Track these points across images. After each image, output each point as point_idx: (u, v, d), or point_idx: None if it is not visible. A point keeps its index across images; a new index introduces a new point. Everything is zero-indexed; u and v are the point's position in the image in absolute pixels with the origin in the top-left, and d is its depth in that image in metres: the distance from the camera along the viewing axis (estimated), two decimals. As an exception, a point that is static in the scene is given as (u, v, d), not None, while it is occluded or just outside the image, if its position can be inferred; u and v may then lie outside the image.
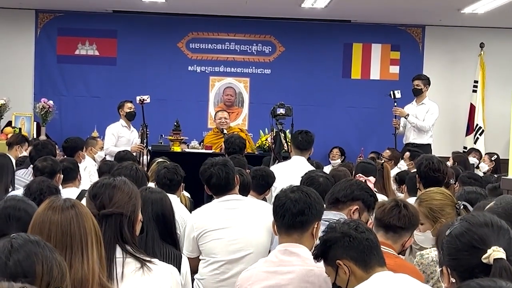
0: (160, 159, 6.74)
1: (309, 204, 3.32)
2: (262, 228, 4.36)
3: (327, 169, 8.37)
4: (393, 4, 10.75)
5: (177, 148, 9.41)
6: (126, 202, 2.93)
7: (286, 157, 7.22)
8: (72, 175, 5.76)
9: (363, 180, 5.52)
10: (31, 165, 5.84)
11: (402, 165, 8.64)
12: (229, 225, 4.38)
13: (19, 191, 4.86)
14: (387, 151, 9.61)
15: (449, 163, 8.31)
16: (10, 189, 5.47)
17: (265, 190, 5.59)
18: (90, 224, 2.51)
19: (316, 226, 3.33)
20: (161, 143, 9.67)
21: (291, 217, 3.31)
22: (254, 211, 4.50)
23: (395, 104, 9.85)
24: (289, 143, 7.09)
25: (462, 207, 3.86)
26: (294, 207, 3.31)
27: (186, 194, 6.17)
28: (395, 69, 12.51)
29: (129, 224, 2.92)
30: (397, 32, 12.50)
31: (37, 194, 4.11)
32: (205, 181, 4.57)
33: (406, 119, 9.73)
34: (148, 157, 8.92)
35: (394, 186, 6.96)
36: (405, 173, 6.86)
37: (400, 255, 3.65)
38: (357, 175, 5.68)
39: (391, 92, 9.85)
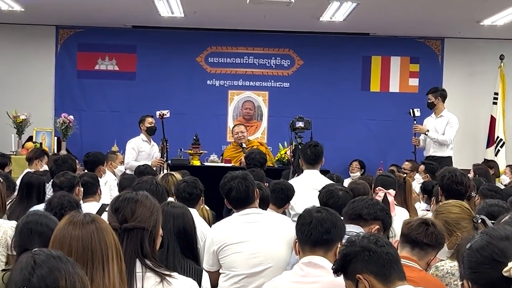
0: (165, 173, 6.72)
1: (335, 224, 3.34)
2: (282, 242, 4.34)
3: (347, 182, 8.34)
4: (412, 17, 10.73)
5: (196, 162, 9.43)
6: (148, 216, 2.94)
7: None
8: (92, 190, 5.77)
9: (383, 193, 5.52)
10: (52, 180, 5.87)
11: (418, 178, 8.59)
12: (249, 239, 4.37)
13: (40, 206, 4.89)
14: (407, 162, 9.56)
15: (470, 176, 8.25)
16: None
17: (285, 204, 5.57)
18: (110, 239, 2.52)
19: (339, 246, 3.32)
20: (181, 157, 9.69)
21: (318, 235, 3.30)
22: (274, 224, 4.49)
23: (415, 122, 9.79)
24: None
25: (480, 221, 3.83)
26: (321, 225, 3.32)
27: (207, 207, 6.15)
28: (414, 82, 12.47)
29: (150, 239, 2.92)
30: (416, 45, 12.46)
31: (58, 208, 4.13)
32: (225, 194, 4.56)
33: (427, 135, 9.66)
34: (168, 171, 8.93)
35: (418, 196, 6.92)
36: (430, 184, 6.80)
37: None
38: (377, 188, 5.64)
39: (411, 110, 9.79)
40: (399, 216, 5.41)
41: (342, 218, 3.66)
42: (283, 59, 12.52)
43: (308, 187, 5.81)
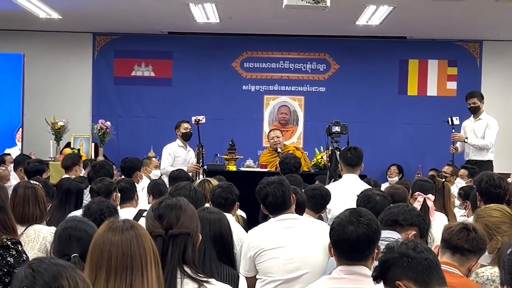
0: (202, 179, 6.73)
1: (371, 238, 3.24)
2: (319, 248, 4.31)
3: (384, 186, 8.26)
4: (449, 20, 10.61)
5: (232, 167, 9.43)
6: (190, 223, 2.94)
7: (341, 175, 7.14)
8: (129, 195, 5.79)
9: (422, 198, 5.46)
10: (89, 186, 5.91)
11: (459, 183, 8.47)
12: (286, 244, 4.34)
13: (78, 212, 4.92)
14: (447, 167, 9.44)
15: (510, 180, 8.11)
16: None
17: (322, 209, 5.55)
18: (149, 245, 2.53)
19: (376, 250, 3.26)
20: (217, 162, 9.70)
21: (353, 251, 3.24)
22: (311, 230, 4.45)
23: (453, 130, 9.64)
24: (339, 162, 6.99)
25: None
26: (357, 243, 3.21)
27: (240, 212, 6.14)
28: (452, 85, 12.33)
29: (192, 245, 2.93)
30: (453, 48, 12.33)
31: (97, 214, 4.15)
32: (261, 200, 4.55)
33: (466, 142, 9.51)
34: (204, 177, 8.94)
35: (456, 201, 6.82)
36: (469, 189, 6.70)
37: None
38: (416, 193, 5.58)
39: (449, 119, 9.64)
40: (438, 221, 5.37)
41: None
42: (319, 64, 12.49)
43: (347, 191, 5.77)
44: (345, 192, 5.83)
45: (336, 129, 7.65)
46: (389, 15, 10.14)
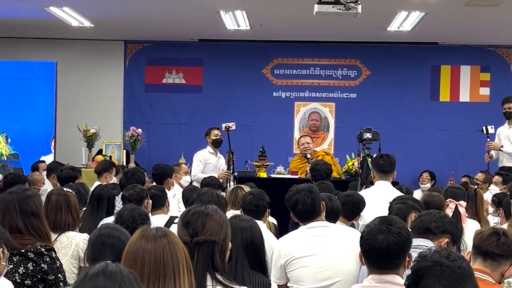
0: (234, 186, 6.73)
1: (402, 247, 3.20)
2: (350, 255, 4.27)
3: (416, 193, 8.20)
4: (482, 25, 10.51)
5: (263, 174, 9.43)
6: (218, 230, 2.94)
7: (373, 182, 7.10)
8: (160, 202, 5.81)
9: (454, 205, 5.40)
10: (121, 193, 5.94)
11: (493, 189, 8.36)
12: (317, 252, 4.31)
13: (109, 219, 4.95)
14: (481, 174, 9.32)
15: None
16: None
17: (355, 216, 5.51)
18: (181, 253, 2.54)
19: (408, 259, 3.23)
20: (247, 169, 9.71)
21: (383, 260, 3.20)
22: (342, 238, 4.42)
23: (488, 139, 9.52)
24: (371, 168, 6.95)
25: None
26: (387, 252, 3.17)
27: (271, 219, 6.13)
28: (485, 91, 12.21)
29: (220, 252, 2.93)
30: (486, 53, 12.21)
31: (129, 222, 4.17)
32: (291, 207, 4.52)
33: (501, 151, 9.38)
34: (235, 183, 8.95)
35: (490, 209, 6.74)
36: (502, 195, 6.62)
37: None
38: (448, 200, 5.53)
39: (484, 128, 9.52)
40: (470, 228, 5.31)
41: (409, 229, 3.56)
42: (349, 70, 12.45)
43: (379, 198, 5.72)
44: (377, 199, 5.78)
45: (368, 135, 7.61)
46: (420, 21, 10.08)
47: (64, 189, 4.82)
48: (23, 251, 3.68)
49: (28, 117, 11.64)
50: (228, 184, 9.15)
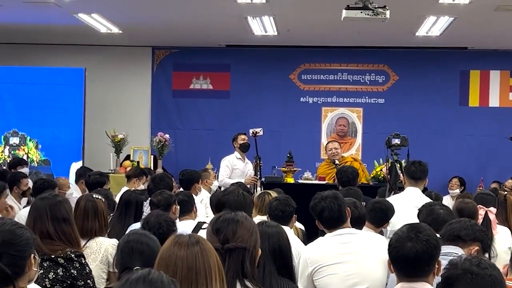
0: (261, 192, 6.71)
1: (431, 255, 3.17)
2: (378, 262, 4.24)
3: (445, 199, 8.12)
4: (511, 30, 10.40)
5: (290, 180, 9.41)
6: (248, 237, 2.94)
7: (402, 188, 7.05)
8: (187, 208, 5.83)
9: (484, 211, 5.35)
10: (149, 198, 5.96)
11: (525, 196, 8.25)
12: (344, 260, 4.28)
13: (137, 224, 4.97)
14: (510, 180, 9.23)
15: None
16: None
17: (383, 224, 5.46)
18: (214, 260, 2.54)
19: (437, 266, 3.19)
20: (275, 174, 9.69)
21: (412, 267, 3.17)
22: (369, 245, 4.39)
23: None
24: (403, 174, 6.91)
25: None
26: (416, 259, 3.15)
27: (299, 225, 6.11)
28: (515, 96, 12.11)
29: (250, 259, 2.92)
30: (516, 58, 12.10)
31: (156, 228, 4.18)
32: (316, 215, 4.48)
33: None
34: (262, 189, 8.94)
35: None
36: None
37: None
38: (477, 206, 5.47)
39: None
40: (501, 234, 5.26)
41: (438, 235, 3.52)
42: (377, 75, 12.39)
43: (408, 204, 5.68)
44: (407, 205, 5.74)
45: (396, 141, 7.57)
46: (449, 26, 10.01)
47: (94, 195, 4.85)
48: (53, 256, 3.71)
49: (58, 123, 11.72)
50: (255, 190, 9.15)
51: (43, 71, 12.05)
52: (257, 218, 5.14)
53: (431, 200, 5.67)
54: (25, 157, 11.17)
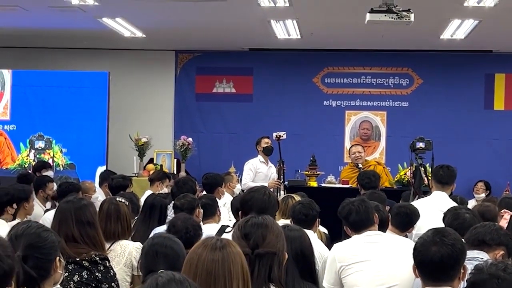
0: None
1: (456, 259, 3.15)
2: (405, 262, 4.22)
3: (471, 203, 8.06)
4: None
5: (313, 183, 9.39)
6: (277, 241, 2.94)
7: (426, 192, 7.01)
8: (211, 211, 5.84)
9: (509, 216, 5.30)
10: (173, 202, 5.98)
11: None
12: (372, 258, 4.27)
13: (161, 228, 4.98)
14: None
15: None
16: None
17: (408, 228, 5.43)
18: (238, 266, 2.52)
19: (463, 270, 3.17)
20: (298, 178, 9.68)
21: (437, 272, 3.15)
22: (396, 245, 4.38)
23: None
24: (430, 178, 6.87)
25: None
26: (441, 264, 3.13)
27: (323, 229, 6.10)
28: (541, 99, 11.99)
29: (278, 263, 2.91)
30: (541, 61, 11.98)
31: (183, 232, 4.19)
32: (344, 218, 4.49)
33: None
34: (285, 193, 8.93)
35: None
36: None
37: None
38: (502, 211, 5.43)
39: None
40: (526, 239, 5.18)
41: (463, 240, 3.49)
42: (401, 78, 12.34)
43: (434, 208, 5.64)
44: (433, 209, 5.70)
45: (421, 145, 7.54)
46: (474, 29, 9.94)
47: (117, 198, 4.87)
48: (78, 259, 3.73)
49: (82, 127, 11.77)
50: (278, 193, 9.14)
51: (67, 75, 12.13)
52: (281, 222, 5.13)
53: (457, 204, 5.63)
54: (50, 161, 11.21)
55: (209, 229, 5.20)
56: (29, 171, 9.98)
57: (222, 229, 5.26)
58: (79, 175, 11.19)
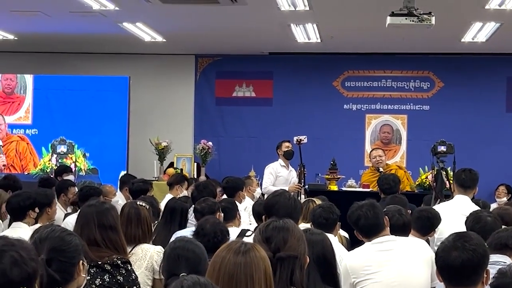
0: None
1: (478, 264, 3.12)
2: (421, 267, 4.22)
3: (493, 207, 7.98)
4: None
5: (333, 187, 9.37)
6: (298, 245, 2.93)
7: (448, 196, 6.97)
8: (231, 215, 5.83)
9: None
10: (193, 206, 5.99)
11: None
12: (386, 268, 4.24)
13: (183, 231, 4.99)
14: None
15: None
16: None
17: (429, 232, 5.40)
18: (261, 271, 2.52)
19: (485, 275, 3.14)
20: (318, 182, 9.66)
21: (459, 277, 3.13)
22: (411, 250, 4.35)
23: None
24: (452, 182, 6.82)
25: None
26: (462, 268, 3.10)
27: (343, 233, 6.08)
28: None
29: (300, 267, 2.91)
30: None
31: (211, 236, 4.20)
32: (353, 223, 4.46)
33: None
34: (306, 197, 8.91)
35: None
36: None
37: None
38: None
39: None
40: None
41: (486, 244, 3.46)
42: (422, 82, 12.28)
43: (456, 212, 5.61)
44: (455, 213, 5.67)
45: (442, 148, 7.49)
46: (496, 32, 9.87)
47: (138, 202, 4.88)
48: (100, 263, 3.74)
49: (104, 132, 11.81)
50: (299, 198, 9.13)
51: (88, 80, 12.20)
52: (301, 226, 5.12)
53: (479, 208, 5.59)
54: (72, 166, 11.22)
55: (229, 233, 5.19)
56: (51, 176, 10.02)
57: (242, 233, 5.27)
58: (102, 180, 11.23)
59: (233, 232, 5.37)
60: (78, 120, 11.94)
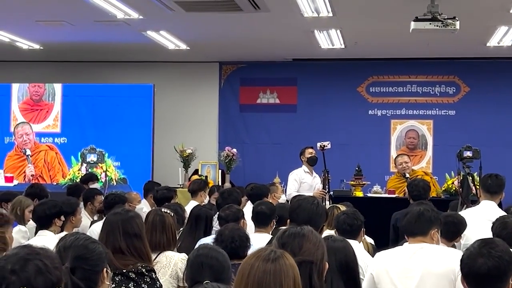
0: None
1: (504, 271, 3.07)
2: (444, 276, 4.16)
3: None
4: None
5: (359, 193, 9.32)
6: (315, 250, 2.91)
7: (475, 201, 6.89)
8: (265, 221, 5.78)
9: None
10: (218, 213, 5.99)
11: None
12: (410, 275, 4.19)
13: (207, 238, 4.99)
14: None
15: None
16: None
17: (455, 237, 5.35)
18: (290, 279, 2.49)
19: (511, 282, 3.10)
20: (343, 188, 9.62)
21: (484, 284, 3.08)
22: (436, 258, 4.30)
23: None
24: (478, 187, 6.75)
25: None
26: (487, 276, 3.04)
27: (369, 239, 6.04)
28: None
29: (318, 273, 2.88)
30: None
31: (228, 242, 4.19)
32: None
33: None
34: (330, 203, 8.87)
35: None
36: None
37: None
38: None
39: None
40: None
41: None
42: (448, 86, 12.19)
43: (483, 218, 5.55)
44: (482, 219, 5.61)
45: (468, 154, 7.42)
46: (522, 35, 9.79)
47: (163, 209, 4.89)
48: (124, 271, 3.74)
49: (129, 140, 11.78)
50: (324, 204, 9.08)
51: (113, 88, 12.24)
52: (326, 232, 5.09)
53: (505, 214, 5.53)
54: (103, 175, 11.13)
55: (260, 239, 5.16)
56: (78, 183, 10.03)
57: (271, 240, 5.24)
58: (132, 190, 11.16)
59: (264, 239, 5.33)
60: (106, 128, 11.92)
